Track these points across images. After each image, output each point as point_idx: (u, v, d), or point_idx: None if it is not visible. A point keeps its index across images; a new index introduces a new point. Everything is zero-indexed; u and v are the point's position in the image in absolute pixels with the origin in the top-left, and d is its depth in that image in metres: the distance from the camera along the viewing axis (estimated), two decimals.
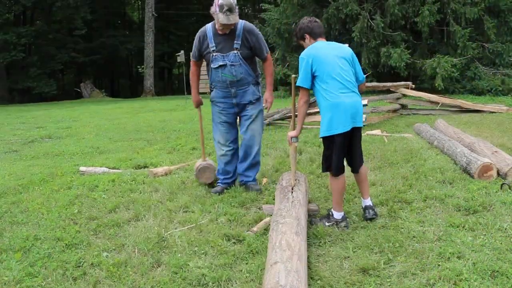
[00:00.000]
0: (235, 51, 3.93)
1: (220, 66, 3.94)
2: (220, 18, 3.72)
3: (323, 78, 3.24)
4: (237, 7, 3.79)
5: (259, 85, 4.20)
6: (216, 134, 4.26)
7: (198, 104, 4.35)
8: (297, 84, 3.31)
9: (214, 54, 3.94)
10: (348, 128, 3.21)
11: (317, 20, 3.49)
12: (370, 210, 3.40)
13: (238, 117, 4.27)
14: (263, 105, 4.16)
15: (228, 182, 4.30)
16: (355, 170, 3.46)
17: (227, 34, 3.89)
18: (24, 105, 20.59)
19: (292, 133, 3.49)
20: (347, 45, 3.65)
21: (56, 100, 24.43)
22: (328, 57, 3.25)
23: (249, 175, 4.26)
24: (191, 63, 4.23)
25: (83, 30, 26.93)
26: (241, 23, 3.92)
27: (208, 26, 3.99)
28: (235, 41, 3.90)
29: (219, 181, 4.33)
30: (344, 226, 3.31)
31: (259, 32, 4.07)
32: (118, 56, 32.55)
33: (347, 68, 3.28)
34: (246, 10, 36.44)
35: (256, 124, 4.19)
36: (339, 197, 3.36)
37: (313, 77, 3.28)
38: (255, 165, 4.27)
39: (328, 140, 3.30)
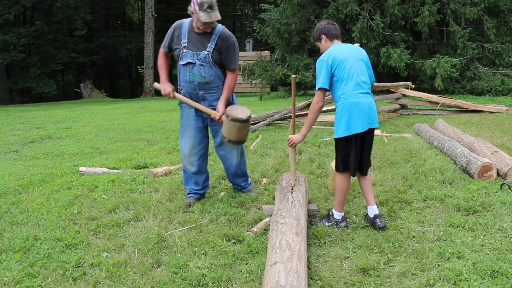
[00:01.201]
0: (206, 52, 3.71)
1: (189, 63, 3.72)
2: (202, 16, 3.53)
3: (342, 79, 3.24)
4: (216, 4, 3.60)
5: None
6: (182, 140, 3.93)
7: (171, 89, 3.79)
8: (317, 87, 3.28)
9: (185, 50, 3.72)
10: (365, 128, 3.22)
11: (334, 23, 3.50)
12: (381, 218, 3.30)
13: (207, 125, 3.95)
14: (217, 115, 3.73)
15: (200, 193, 4.03)
16: (364, 172, 3.40)
17: (202, 34, 3.70)
18: (24, 106, 20.60)
19: (296, 138, 3.43)
20: (357, 44, 3.67)
21: (56, 100, 24.46)
22: (347, 58, 3.26)
23: (237, 182, 4.15)
24: (160, 52, 3.91)
25: (83, 30, 26.93)
26: (220, 27, 3.75)
27: (186, 21, 3.78)
28: (209, 44, 3.70)
29: (189, 192, 4.03)
30: (344, 226, 3.32)
31: (235, 42, 3.80)
32: (118, 57, 32.54)
33: (364, 70, 3.31)
34: (246, 10, 36.46)
35: None
36: (344, 197, 3.36)
37: (331, 78, 3.28)
38: (240, 175, 4.10)
39: (345, 140, 3.26)
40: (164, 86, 3.82)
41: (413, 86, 9.47)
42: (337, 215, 3.35)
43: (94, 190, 4.44)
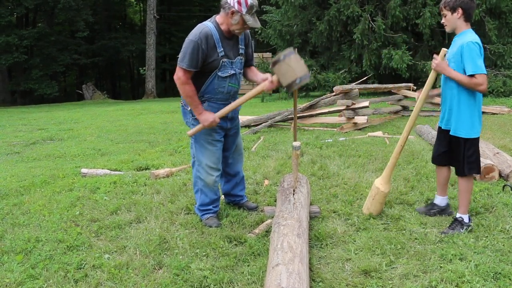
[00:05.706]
0: (240, 57, 3.39)
1: (230, 75, 3.33)
2: (250, 21, 3.16)
3: None
4: None
5: None
6: (204, 156, 3.44)
7: (215, 115, 3.28)
8: (480, 72, 3.00)
9: (224, 60, 3.27)
10: None
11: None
12: None
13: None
14: (269, 82, 3.18)
15: (219, 208, 3.68)
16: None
17: (231, 38, 3.32)
18: (26, 107, 20.64)
19: (440, 62, 3.20)
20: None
21: (58, 102, 24.48)
22: None
23: (241, 194, 3.83)
24: (186, 75, 3.20)
25: (85, 32, 27.01)
26: None
27: (210, 26, 3.23)
28: (240, 46, 3.38)
29: (209, 212, 3.56)
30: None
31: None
32: (119, 58, 32.62)
33: None
34: None
35: (240, 137, 3.76)
36: (470, 197, 3.34)
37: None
38: (241, 181, 3.81)
39: (476, 141, 3.23)
40: (207, 116, 3.26)
41: (415, 87, 9.46)
42: (468, 218, 3.22)
43: (95, 191, 4.44)
